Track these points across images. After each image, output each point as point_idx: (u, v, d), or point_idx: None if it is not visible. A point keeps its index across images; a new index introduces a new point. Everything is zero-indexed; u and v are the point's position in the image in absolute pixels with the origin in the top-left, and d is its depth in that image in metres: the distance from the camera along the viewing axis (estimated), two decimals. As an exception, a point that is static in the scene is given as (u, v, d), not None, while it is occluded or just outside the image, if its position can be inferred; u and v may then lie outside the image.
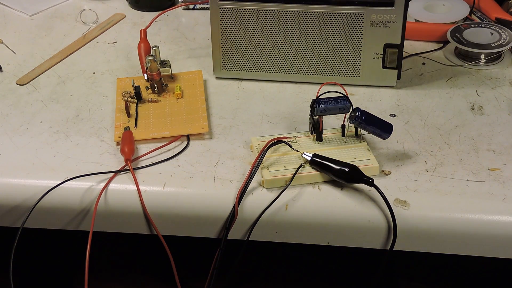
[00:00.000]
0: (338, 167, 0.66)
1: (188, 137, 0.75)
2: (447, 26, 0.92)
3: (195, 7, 1.04)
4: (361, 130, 0.71)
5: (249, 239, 0.66)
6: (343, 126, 0.71)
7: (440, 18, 0.96)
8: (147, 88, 0.82)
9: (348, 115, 0.70)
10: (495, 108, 0.79)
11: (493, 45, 0.87)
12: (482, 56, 0.87)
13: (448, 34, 0.90)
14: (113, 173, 0.68)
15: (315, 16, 0.79)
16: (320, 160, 0.67)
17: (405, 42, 0.81)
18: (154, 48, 0.84)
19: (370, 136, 0.71)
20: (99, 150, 0.73)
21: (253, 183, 0.67)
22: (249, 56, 0.83)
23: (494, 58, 0.88)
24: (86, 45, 0.95)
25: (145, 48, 0.88)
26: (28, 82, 0.86)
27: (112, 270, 0.94)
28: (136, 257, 0.95)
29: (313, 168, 0.67)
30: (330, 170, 0.66)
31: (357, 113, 0.69)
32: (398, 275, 0.91)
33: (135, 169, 0.69)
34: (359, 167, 0.66)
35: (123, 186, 0.67)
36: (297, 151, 0.69)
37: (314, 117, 0.70)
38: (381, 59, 0.80)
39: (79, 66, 0.90)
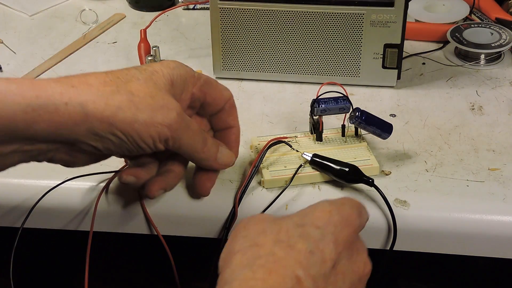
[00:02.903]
0: (338, 167, 0.66)
1: (188, 137, 0.74)
2: (447, 26, 0.92)
3: (195, 7, 1.04)
4: (361, 130, 0.71)
5: (249, 239, 0.66)
6: (343, 126, 0.71)
7: (440, 18, 0.96)
8: (147, 88, 0.81)
9: (348, 115, 0.70)
10: (495, 108, 0.79)
11: (493, 45, 0.87)
12: (482, 56, 0.87)
13: (448, 34, 0.90)
14: (113, 173, 0.68)
15: (315, 16, 0.79)
16: (320, 160, 0.67)
17: (405, 42, 0.81)
18: (154, 48, 0.84)
19: (370, 136, 0.71)
20: (99, 150, 0.73)
21: (253, 183, 0.67)
22: (249, 56, 0.83)
23: (494, 58, 0.88)
24: (86, 45, 0.95)
25: (145, 48, 0.88)
26: (28, 82, 0.86)
27: (112, 270, 0.94)
28: (136, 257, 0.95)
29: (313, 168, 0.67)
30: (330, 170, 0.66)
31: (357, 113, 0.69)
32: (398, 275, 0.91)
33: (135, 169, 0.69)
34: (359, 167, 0.66)
35: (123, 186, 0.67)
36: (297, 151, 0.69)
37: (314, 117, 0.70)
38: (381, 59, 0.80)
39: (79, 66, 0.90)
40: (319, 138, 0.71)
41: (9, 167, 0.55)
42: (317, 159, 0.67)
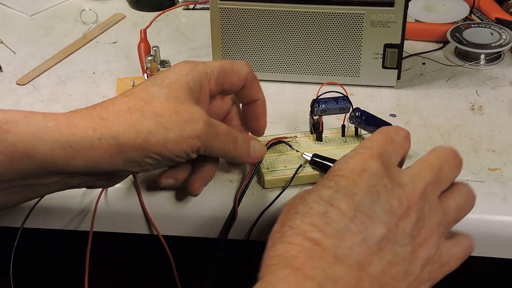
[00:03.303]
0: (338, 167, 0.66)
1: (188, 137, 0.74)
2: (447, 26, 0.92)
3: (195, 7, 1.04)
4: (361, 130, 0.71)
5: (249, 239, 0.66)
6: (343, 126, 0.71)
7: (440, 18, 0.96)
8: (147, 88, 0.81)
9: (348, 115, 0.70)
10: (495, 108, 0.79)
11: (493, 45, 0.87)
12: (482, 56, 0.87)
13: (448, 34, 0.90)
14: (113, 173, 0.68)
15: (315, 16, 0.79)
16: (320, 160, 0.67)
17: (405, 42, 0.81)
18: (154, 48, 0.84)
19: (370, 136, 0.71)
20: (99, 150, 0.73)
21: (253, 183, 0.67)
22: (249, 56, 0.83)
23: (494, 58, 0.88)
24: (86, 45, 0.95)
25: (145, 48, 0.88)
26: (28, 82, 0.86)
27: (112, 270, 0.94)
28: (136, 257, 0.95)
29: (313, 168, 0.67)
30: (330, 170, 0.66)
31: (357, 113, 0.69)
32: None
33: (135, 169, 0.69)
34: (359, 167, 0.66)
35: (123, 186, 0.67)
36: (297, 151, 0.69)
37: (314, 117, 0.70)
38: (381, 59, 0.80)
39: (79, 66, 0.90)
40: (319, 138, 0.71)
41: (48, 194, 0.58)
42: (317, 159, 0.67)
